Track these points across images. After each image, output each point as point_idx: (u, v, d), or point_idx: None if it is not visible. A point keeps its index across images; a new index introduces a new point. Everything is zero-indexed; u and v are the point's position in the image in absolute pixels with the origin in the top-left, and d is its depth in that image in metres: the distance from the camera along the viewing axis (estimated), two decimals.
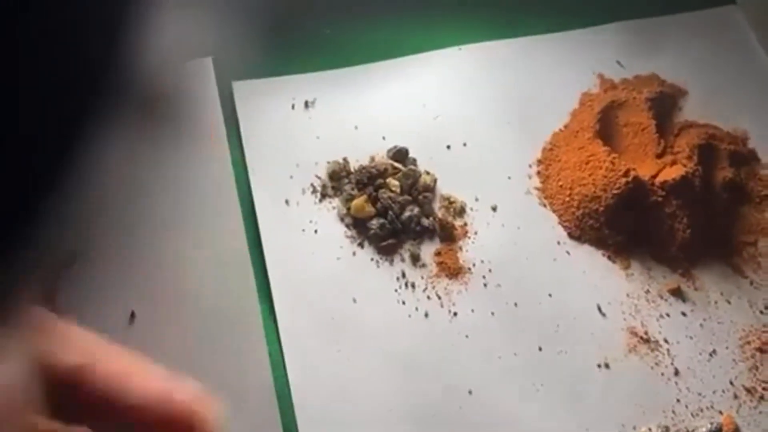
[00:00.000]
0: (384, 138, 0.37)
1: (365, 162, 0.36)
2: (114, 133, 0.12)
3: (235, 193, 0.34)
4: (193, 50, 0.35)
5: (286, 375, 0.31)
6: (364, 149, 0.36)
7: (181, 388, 0.19)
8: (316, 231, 0.35)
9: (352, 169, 0.36)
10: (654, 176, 0.36)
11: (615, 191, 0.35)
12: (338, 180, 0.36)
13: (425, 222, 0.35)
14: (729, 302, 0.35)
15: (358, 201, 0.34)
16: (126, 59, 0.11)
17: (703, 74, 0.40)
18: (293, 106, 0.37)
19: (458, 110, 0.38)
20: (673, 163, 0.36)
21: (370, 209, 0.34)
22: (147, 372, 0.19)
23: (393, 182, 0.35)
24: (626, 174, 0.35)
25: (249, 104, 0.37)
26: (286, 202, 0.35)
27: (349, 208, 0.35)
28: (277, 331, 0.32)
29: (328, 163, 0.36)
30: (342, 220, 0.35)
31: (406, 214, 0.34)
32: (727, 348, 0.34)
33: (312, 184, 0.36)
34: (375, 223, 0.34)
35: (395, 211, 0.34)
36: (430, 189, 0.36)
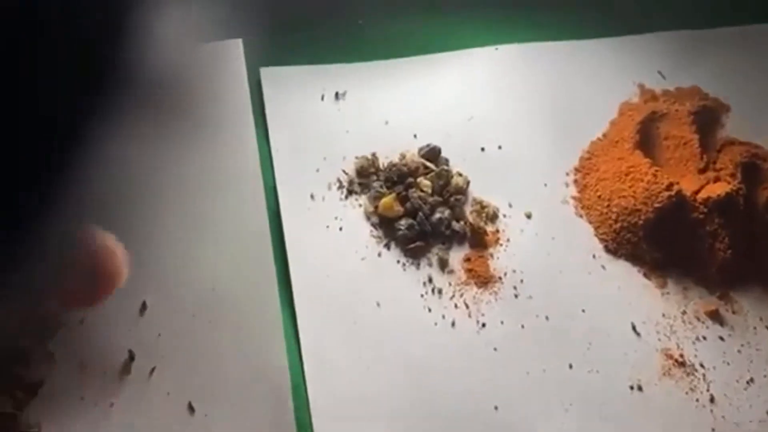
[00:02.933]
0: (415, 136, 0.35)
1: (395, 159, 0.34)
2: (134, 118, 0.12)
3: (261, 184, 0.32)
4: (223, 31, 0.33)
5: (303, 374, 0.29)
6: (394, 146, 0.35)
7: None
8: (340, 228, 0.33)
9: (381, 166, 0.34)
10: (696, 192, 0.34)
11: (656, 205, 0.33)
12: (366, 176, 0.34)
13: (456, 226, 0.33)
14: None
15: (387, 199, 0.33)
16: (149, 39, 0.11)
17: (745, 91, 0.38)
18: (323, 97, 0.36)
19: (493, 112, 0.36)
20: (716, 179, 0.35)
21: (398, 209, 0.33)
22: None
23: (424, 182, 0.33)
24: (669, 188, 0.33)
25: (277, 92, 0.35)
26: (311, 196, 0.33)
27: (376, 207, 0.33)
28: (296, 330, 0.30)
29: (357, 158, 0.34)
30: (368, 218, 0.33)
31: (437, 216, 0.33)
32: (765, 377, 0.32)
33: (339, 179, 0.34)
34: (403, 223, 0.33)
35: (425, 212, 0.33)
36: (463, 191, 0.34)
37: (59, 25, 0.10)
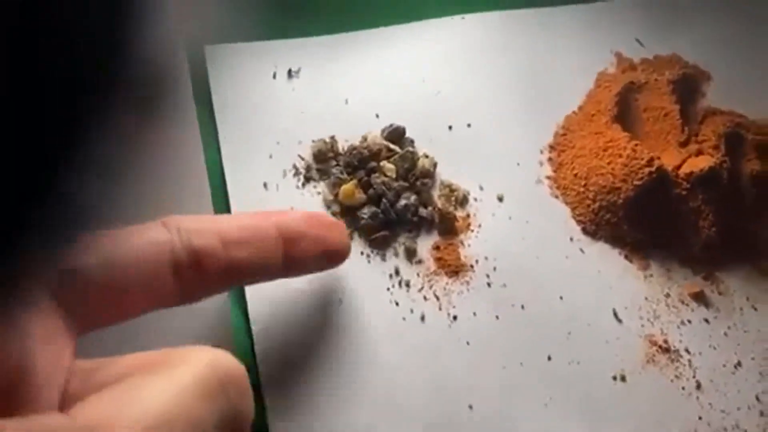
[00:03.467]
0: (377, 116, 0.33)
1: (356, 142, 0.32)
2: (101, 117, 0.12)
3: (205, 175, 0.29)
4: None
5: (258, 377, 0.27)
6: (355, 128, 0.32)
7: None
8: None
9: (340, 150, 0.31)
10: (678, 167, 0.32)
11: (636, 182, 0.31)
12: (324, 162, 0.31)
13: (423, 212, 0.30)
14: (755, 308, 0.32)
15: (348, 186, 0.30)
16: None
17: (727, 58, 0.36)
18: (274, 75, 0.33)
19: (461, 87, 0.34)
20: (699, 153, 0.33)
21: (360, 196, 0.30)
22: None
23: (388, 166, 0.31)
24: (650, 163, 0.31)
25: (223, 72, 0.32)
26: (264, 185, 0.30)
27: (336, 194, 0.30)
28: (250, 335, 0.28)
29: (314, 141, 0.31)
30: (328, 207, 0.30)
31: (402, 202, 0.30)
32: (753, 359, 0.31)
33: (294, 166, 0.31)
34: (366, 212, 0.30)
35: (389, 198, 0.30)
36: (430, 175, 0.31)
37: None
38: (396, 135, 0.32)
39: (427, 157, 0.32)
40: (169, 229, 0.22)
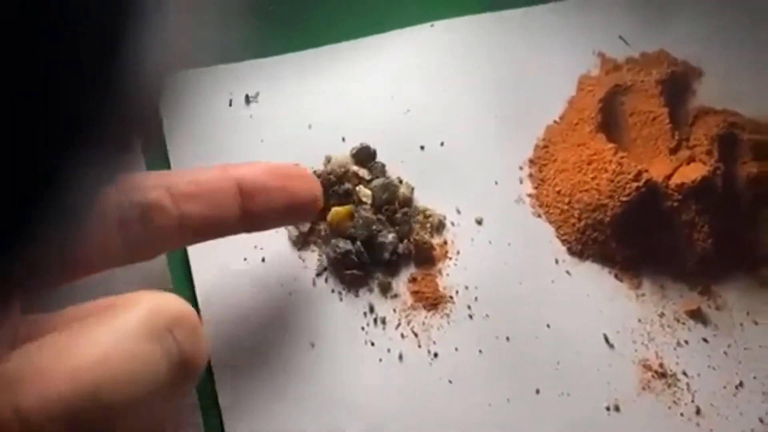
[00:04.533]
0: (344, 139, 0.30)
1: (319, 168, 0.29)
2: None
3: None
4: None
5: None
6: (320, 154, 0.30)
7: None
8: (263, 259, 0.28)
9: None
10: (668, 177, 0.30)
11: (624, 198, 0.29)
12: None
13: (400, 248, 0.28)
14: (756, 323, 0.30)
15: (342, 210, 0.28)
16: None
17: (720, 50, 0.34)
18: (230, 102, 0.30)
19: (432, 102, 0.31)
20: (691, 159, 0.30)
21: (348, 224, 0.28)
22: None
23: (364, 191, 0.29)
24: (637, 177, 0.29)
25: (176, 102, 0.30)
26: None
27: (303, 230, 0.28)
28: (214, 394, 0.26)
29: None
30: (294, 244, 0.29)
31: (379, 240, 0.28)
32: (755, 378, 0.29)
33: None
34: (341, 246, 0.28)
35: (370, 235, 0.28)
36: (409, 203, 0.29)
37: None
38: (365, 155, 0.30)
39: (401, 182, 0.30)
40: (116, 184, 0.21)
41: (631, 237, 0.30)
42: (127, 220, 0.21)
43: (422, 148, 0.31)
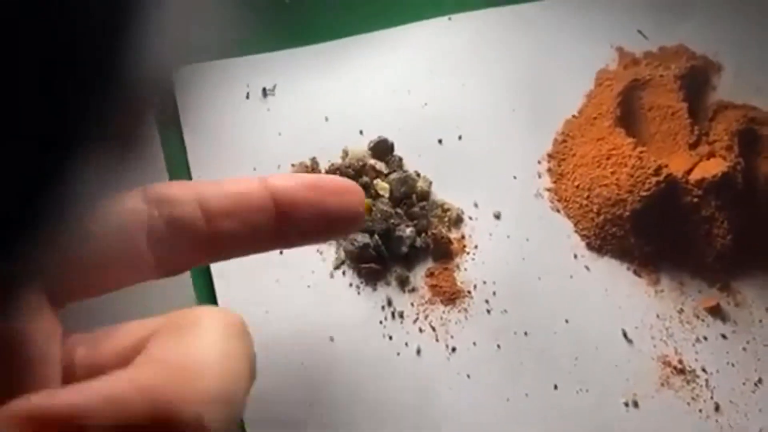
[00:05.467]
0: (361, 132, 0.30)
1: (337, 161, 0.29)
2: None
3: None
4: None
5: (243, 425, 0.25)
6: (338, 147, 0.30)
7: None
8: (281, 252, 0.28)
9: (323, 172, 0.29)
10: (688, 172, 0.30)
11: (643, 193, 0.29)
12: None
13: (418, 242, 0.28)
14: None
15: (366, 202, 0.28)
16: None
17: (739, 45, 0.34)
18: (248, 95, 0.30)
19: (450, 96, 0.31)
20: (710, 155, 0.30)
21: (366, 218, 0.28)
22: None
23: (381, 184, 0.29)
24: (657, 172, 0.29)
25: (193, 95, 0.30)
26: None
27: None
28: None
29: (293, 165, 0.29)
30: None
31: (397, 234, 0.28)
32: None
33: None
34: (359, 240, 0.28)
35: (387, 229, 0.28)
36: (427, 197, 0.29)
37: None
38: (383, 148, 0.30)
39: (418, 175, 0.30)
40: (148, 198, 0.21)
41: (650, 232, 0.29)
42: (158, 235, 0.20)
43: (440, 141, 0.30)
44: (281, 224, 0.22)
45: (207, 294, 0.27)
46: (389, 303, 0.28)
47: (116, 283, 0.21)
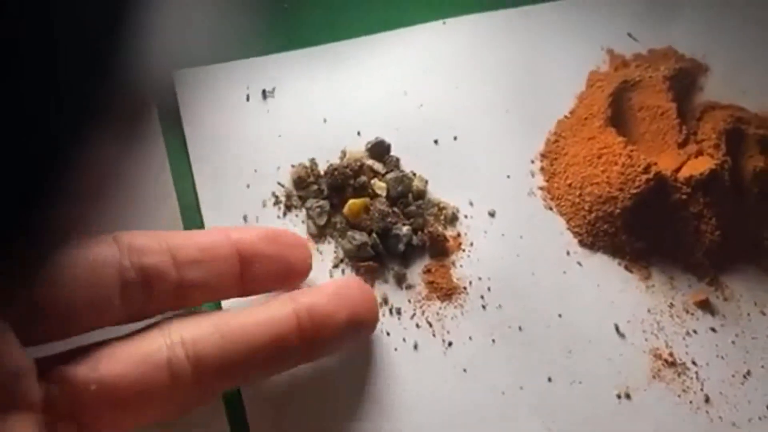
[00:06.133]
0: (359, 133, 0.31)
1: (335, 161, 0.30)
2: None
3: (178, 214, 0.28)
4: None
5: (243, 414, 0.26)
6: (336, 148, 0.31)
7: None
8: None
9: (321, 173, 0.30)
10: (677, 170, 0.30)
11: (634, 191, 0.29)
12: (306, 187, 0.30)
13: (415, 240, 0.29)
14: (764, 313, 0.30)
15: (358, 202, 0.29)
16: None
17: (726, 47, 0.34)
18: (248, 97, 0.31)
19: (445, 97, 0.32)
20: (699, 153, 0.31)
21: (364, 216, 0.29)
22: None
23: (379, 184, 0.29)
24: (647, 170, 0.29)
25: (194, 97, 0.30)
26: (244, 218, 0.29)
27: (320, 224, 0.29)
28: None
29: (293, 166, 0.30)
30: (312, 236, 0.29)
31: (394, 233, 0.29)
32: (762, 367, 0.30)
33: (274, 194, 0.30)
34: (357, 238, 0.28)
35: (385, 227, 0.29)
36: (423, 195, 0.30)
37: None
38: (380, 149, 0.30)
39: (414, 174, 0.30)
40: (120, 246, 0.21)
41: (640, 229, 0.30)
42: (129, 283, 0.21)
43: (436, 142, 0.31)
44: (244, 273, 0.23)
45: None
46: (386, 300, 0.29)
47: (84, 327, 0.21)
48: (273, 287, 0.25)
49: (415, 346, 0.28)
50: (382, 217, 0.29)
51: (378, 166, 0.30)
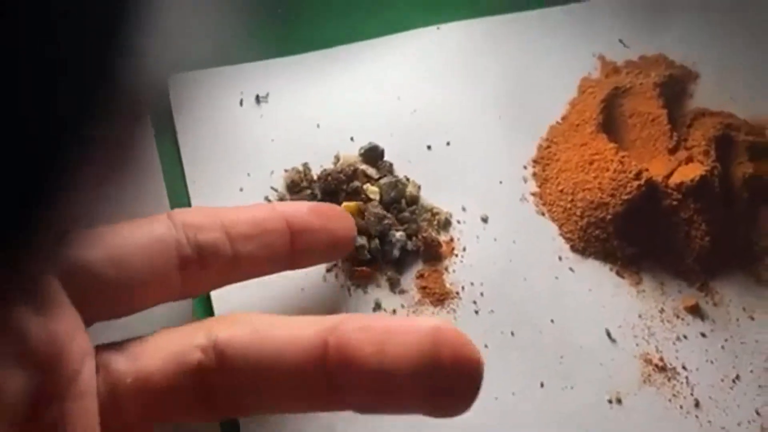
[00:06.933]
0: (352, 139, 0.31)
1: (329, 166, 0.30)
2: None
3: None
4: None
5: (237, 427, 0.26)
6: (329, 153, 0.31)
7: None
8: None
9: (314, 178, 0.30)
10: (668, 176, 0.31)
11: (625, 197, 0.30)
12: (299, 192, 0.30)
13: (409, 245, 0.29)
14: (752, 318, 0.31)
15: (352, 205, 0.29)
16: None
17: (715, 54, 0.35)
18: (241, 102, 0.31)
19: (438, 103, 0.32)
20: (689, 160, 0.31)
21: (358, 220, 0.29)
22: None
23: (372, 188, 0.29)
24: (638, 176, 0.30)
25: (188, 102, 0.30)
26: None
27: None
28: None
29: (286, 171, 0.30)
30: None
31: (388, 239, 0.29)
32: (751, 372, 0.30)
33: (267, 198, 0.30)
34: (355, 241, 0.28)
35: (381, 232, 0.29)
36: (416, 201, 0.30)
37: None
38: (374, 154, 0.31)
39: (408, 179, 0.30)
40: (175, 224, 0.22)
41: (631, 234, 0.30)
42: (186, 259, 0.22)
43: (429, 147, 0.31)
44: (294, 246, 0.24)
45: (202, 295, 0.27)
46: (379, 305, 0.29)
47: (143, 304, 0.22)
48: (320, 260, 0.26)
49: None
50: (378, 220, 0.29)
51: (371, 171, 0.30)
